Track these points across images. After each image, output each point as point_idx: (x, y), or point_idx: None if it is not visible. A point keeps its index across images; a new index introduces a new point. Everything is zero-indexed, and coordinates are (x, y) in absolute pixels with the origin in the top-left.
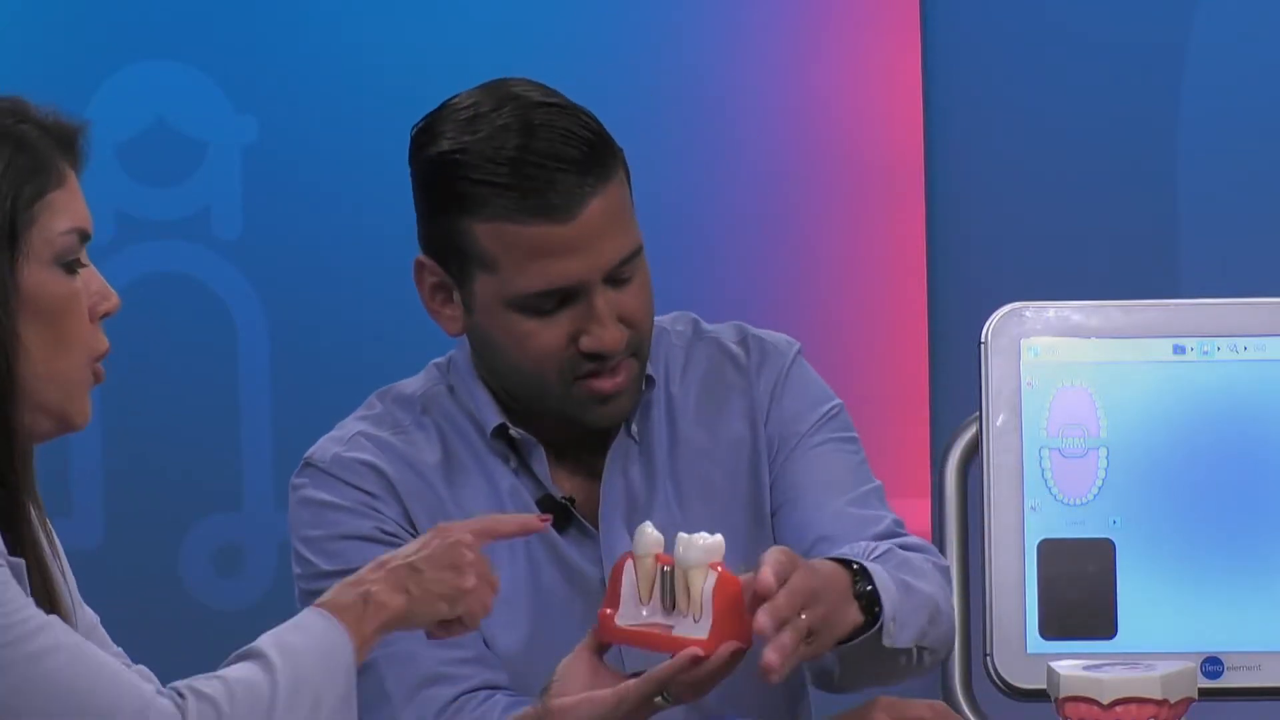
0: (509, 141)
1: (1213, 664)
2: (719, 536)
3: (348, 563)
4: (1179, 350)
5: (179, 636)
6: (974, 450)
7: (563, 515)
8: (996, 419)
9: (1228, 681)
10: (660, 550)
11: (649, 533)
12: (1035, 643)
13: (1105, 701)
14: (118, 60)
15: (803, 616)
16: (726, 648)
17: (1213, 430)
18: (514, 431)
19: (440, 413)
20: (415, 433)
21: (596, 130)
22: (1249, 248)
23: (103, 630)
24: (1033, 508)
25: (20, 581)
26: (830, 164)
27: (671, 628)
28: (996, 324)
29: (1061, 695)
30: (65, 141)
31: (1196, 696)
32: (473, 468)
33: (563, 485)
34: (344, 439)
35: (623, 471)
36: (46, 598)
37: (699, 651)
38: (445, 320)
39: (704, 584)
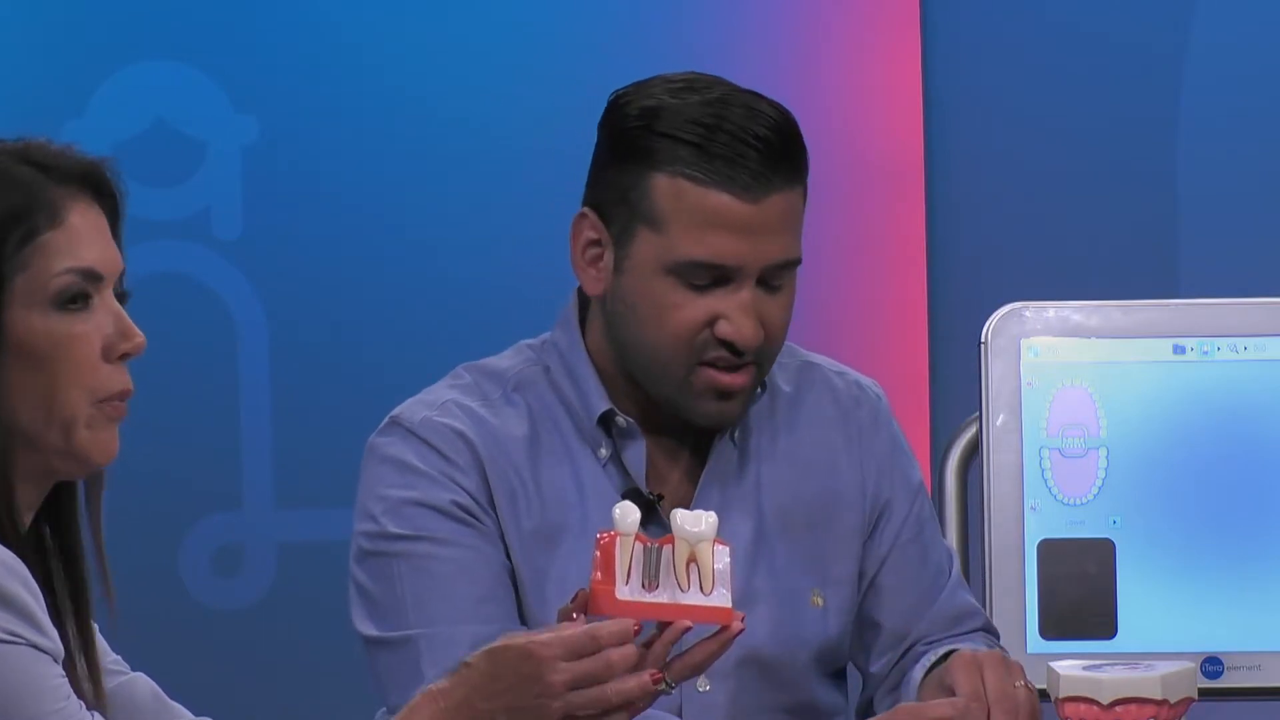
0: (709, 109)
1: (1213, 664)
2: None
3: (417, 529)
4: (1179, 350)
5: (179, 637)
6: (974, 450)
7: (647, 512)
8: (996, 419)
9: (1228, 681)
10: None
11: (635, 510)
12: (1035, 643)
13: (1105, 701)
14: (118, 60)
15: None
16: (739, 622)
17: (1213, 430)
18: (620, 419)
19: (533, 393)
20: (504, 408)
21: (792, 130)
22: (1249, 248)
23: (102, 640)
24: (1033, 508)
25: (60, 664)
26: (830, 164)
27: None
28: (996, 324)
29: (1061, 695)
30: (74, 178)
31: (1196, 696)
32: (559, 452)
33: (652, 482)
34: (435, 404)
35: (721, 477)
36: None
37: (740, 625)
38: (589, 279)
39: (716, 558)
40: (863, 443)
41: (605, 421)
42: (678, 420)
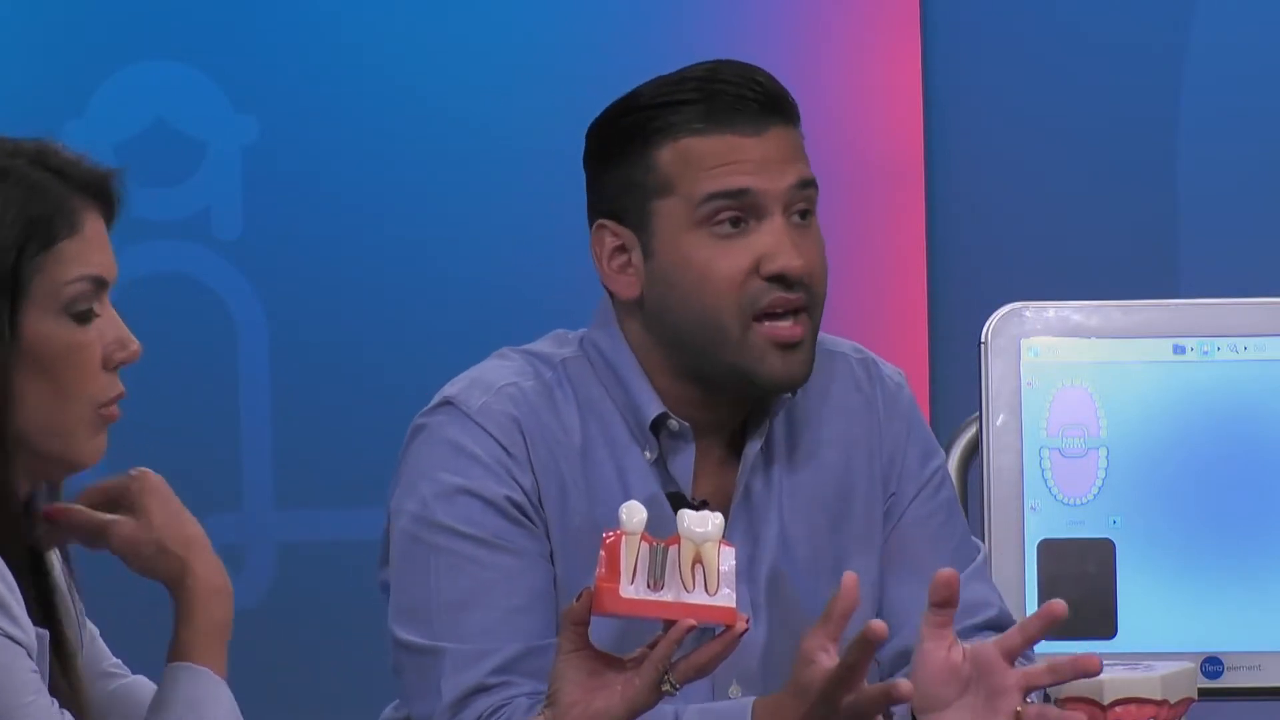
0: (700, 70)
1: (1213, 664)
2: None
3: (465, 523)
4: (1179, 350)
5: None
6: (974, 450)
7: None
8: (996, 419)
9: (1228, 681)
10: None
11: (642, 509)
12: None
13: (1105, 702)
14: (118, 60)
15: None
16: (744, 622)
17: (1213, 430)
18: (674, 422)
19: (581, 385)
20: (557, 392)
21: (780, 84)
22: (1249, 248)
23: (102, 643)
24: (1033, 508)
25: (43, 654)
26: (830, 164)
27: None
28: (996, 324)
29: (1061, 695)
30: (89, 187)
31: (1196, 696)
32: (607, 450)
33: (700, 486)
34: (491, 387)
35: (749, 481)
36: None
37: (745, 625)
38: (622, 284)
39: (721, 558)
40: (880, 434)
41: (654, 424)
42: (717, 424)
